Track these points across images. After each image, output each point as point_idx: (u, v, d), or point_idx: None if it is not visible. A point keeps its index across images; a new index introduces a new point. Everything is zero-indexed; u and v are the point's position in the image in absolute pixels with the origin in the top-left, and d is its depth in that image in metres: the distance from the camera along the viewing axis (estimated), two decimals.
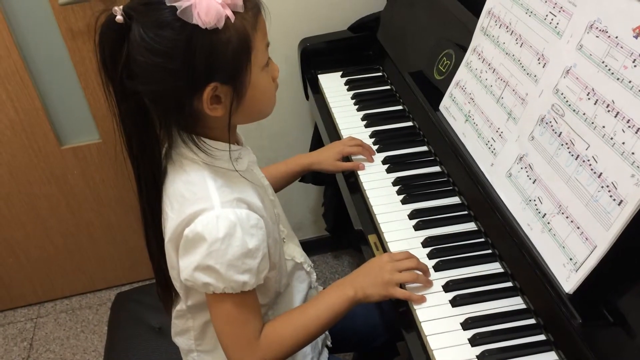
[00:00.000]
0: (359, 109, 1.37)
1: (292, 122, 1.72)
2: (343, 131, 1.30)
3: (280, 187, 1.16)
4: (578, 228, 0.78)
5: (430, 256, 0.97)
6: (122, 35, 0.71)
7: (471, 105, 1.07)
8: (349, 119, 1.34)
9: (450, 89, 1.14)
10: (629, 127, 0.73)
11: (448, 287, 0.91)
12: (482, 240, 1.00)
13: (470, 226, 1.03)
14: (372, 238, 1.05)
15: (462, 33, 1.15)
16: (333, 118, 1.37)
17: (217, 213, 0.76)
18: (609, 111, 0.76)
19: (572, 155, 0.81)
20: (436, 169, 1.17)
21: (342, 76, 1.49)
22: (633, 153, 0.72)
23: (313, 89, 1.50)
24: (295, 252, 1.00)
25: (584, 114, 0.80)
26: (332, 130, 1.35)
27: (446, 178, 1.14)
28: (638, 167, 0.71)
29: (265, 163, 1.17)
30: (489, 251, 0.98)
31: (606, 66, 0.78)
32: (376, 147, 1.23)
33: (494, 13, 1.05)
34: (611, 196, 0.74)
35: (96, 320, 1.94)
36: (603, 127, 0.77)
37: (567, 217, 0.80)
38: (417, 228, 1.03)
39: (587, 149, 0.79)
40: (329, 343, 1.10)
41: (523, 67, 0.95)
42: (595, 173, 0.77)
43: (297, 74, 1.59)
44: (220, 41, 0.71)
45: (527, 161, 0.91)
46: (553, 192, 0.84)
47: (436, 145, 1.19)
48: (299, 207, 1.94)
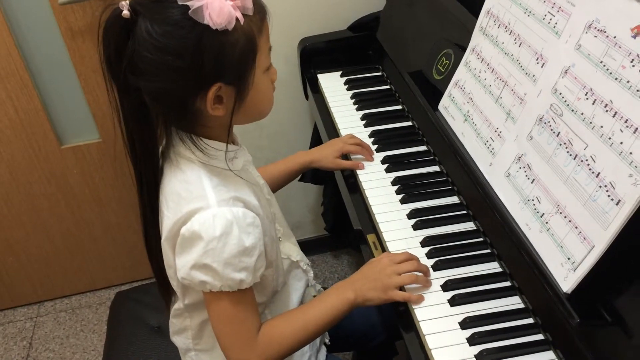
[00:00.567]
0: (359, 109, 1.37)
1: (292, 122, 1.72)
2: (342, 131, 1.30)
3: (280, 186, 1.16)
4: (576, 228, 0.78)
5: (428, 255, 0.97)
6: (127, 30, 0.71)
7: (470, 105, 1.07)
8: (349, 119, 1.34)
9: (449, 89, 1.14)
10: (627, 127, 0.73)
11: (446, 287, 0.92)
12: (481, 239, 1.00)
13: (468, 226, 1.03)
14: (371, 237, 1.05)
15: (461, 33, 1.15)
16: (332, 117, 1.37)
17: (214, 212, 0.76)
18: (607, 111, 0.76)
19: (571, 155, 0.81)
20: (435, 169, 1.17)
21: (342, 76, 1.49)
22: (631, 153, 0.72)
23: (312, 89, 1.51)
24: (291, 251, 1.00)
25: (582, 114, 0.80)
26: (332, 129, 1.35)
27: (445, 178, 1.14)
28: (636, 167, 0.71)
29: (264, 162, 1.17)
30: (488, 251, 0.98)
31: (604, 66, 0.78)
32: (375, 147, 1.23)
33: (493, 13, 1.05)
34: (609, 196, 0.74)
35: (96, 319, 1.94)
36: (601, 127, 0.77)
37: (565, 217, 0.80)
38: (416, 227, 1.03)
39: (586, 149, 0.79)
40: (327, 341, 1.11)
41: (522, 67, 0.95)
42: (593, 173, 0.77)
43: (297, 74, 1.59)
44: (228, 42, 0.72)
45: (526, 161, 0.91)
46: (551, 192, 0.84)
47: (435, 144, 1.19)
48: (298, 207, 1.94)
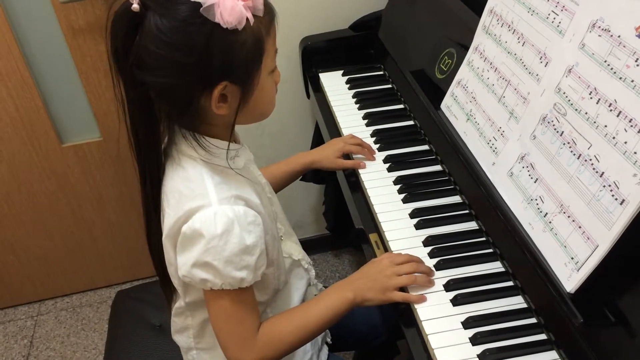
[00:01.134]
0: (360, 108, 1.36)
1: (293, 121, 1.72)
2: (344, 130, 1.30)
3: (281, 186, 1.16)
4: (580, 227, 0.78)
5: (431, 255, 0.97)
6: (136, 24, 0.71)
7: (473, 104, 1.07)
8: (350, 118, 1.34)
9: (451, 88, 1.14)
10: (631, 127, 0.72)
11: (449, 286, 0.91)
12: (483, 239, 1.00)
13: (471, 225, 1.03)
14: (373, 237, 1.05)
15: (464, 32, 1.15)
16: (334, 117, 1.36)
17: (215, 210, 0.76)
18: (611, 110, 0.76)
19: (574, 154, 0.81)
20: (437, 168, 1.17)
21: (343, 75, 1.49)
22: (635, 152, 0.72)
23: (314, 88, 1.50)
24: (293, 250, 1.00)
25: (586, 114, 0.80)
26: (333, 128, 1.35)
27: (447, 177, 1.14)
28: None
29: (265, 161, 1.17)
30: (490, 250, 0.98)
31: (608, 65, 0.77)
32: (377, 146, 1.23)
33: (496, 12, 1.04)
34: (613, 195, 0.74)
35: (96, 318, 1.94)
36: (605, 127, 0.76)
37: (569, 217, 0.80)
38: (418, 227, 1.03)
39: (589, 149, 0.79)
40: (329, 340, 1.10)
41: (525, 66, 0.95)
42: (597, 172, 0.77)
43: (298, 73, 1.59)
44: (237, 42, 0.72)
45: (529, 160, 0.90)
46: (555, 192, 0.84)
47: (437, 144, 1.19)
48: (300, 206, 1.94)
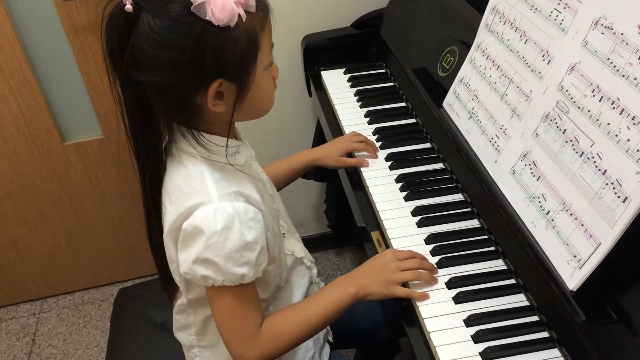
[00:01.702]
0: (362, 106, 1.36)
1: (295, 119, 1.72)
2: (346, 128, 1.30)
3: (284, 184, 1.16)
4: (582, 225, 0.78)
5: (433, 253, 0.97)
6: (130, 24, 0.71)
7: (475, 102, 1.07)
8: (352, 116, 1.34)
9: (454, 86, 1.14)
10: (634, 124, 0.72)
11: (451, 284, 0.91)
12: (486, 237, 1.00)
13: (473, 223, 1.03)
14: (375, 235, 1.05)
15: (466, 30, 1.15)
16: (336, 115, 1.36)
17: (215, 206, 0.77)
18: (614, 108, 0.76)
19: (577, 152, 0.81)
20: (439, 166, 1.17)
21: (345, 73, 1.49)
22: (638, 150, 0.71)
23: (316, 86, 1.50)
24: (295, 247, 1.00)
25: (589, 111, 0.80)
26: (335, 126, 1.35)
27: (449, 175, 1.14)
28: None
29: (267, 159, 1.17)
30: (492, 248, 0.98)
31: (611, 63, 0.77)
32: (379, 144, 1.23)
33: (499, 9, 1.04)
34: (616, 193, 0.73)
35: (99, 315, 1.94)
36: (608, 124, 0.76)
37: (571, 214, 0.80)
38: (420, 225, 1.03)
39: (592, 146, 0.78)
40: (331, 338, 1.10)
41: (527, 64, 0.95)
42: (599, 170, 0.77)
43: (300, 71, 1.58)
44: (230, 39, 0.72)
45: (531, 158, 0.90)
46: (557, 189, 0.84)
47: (439, 142, 1.19)
48: (301, 204, 1.94)
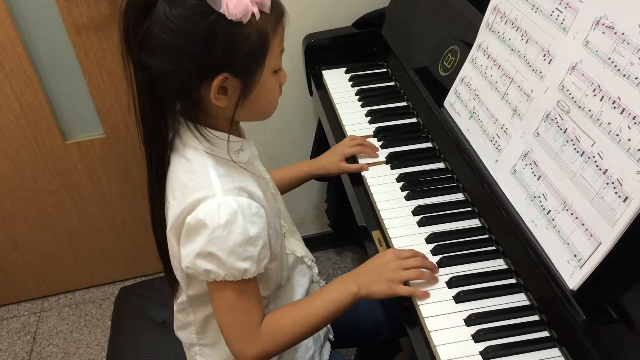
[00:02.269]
0: (363, 105, 1.36)
1: (296, 118, 1.72)
2: (347, 127, 1.30)
3: (284, 192, 1.15)
4: (583, 225, 0.78)
5: (434, 252, 0.97)
6: (147, 10, 0.72)
7: (476, 101, 1.07)
8: (353, 115, 1.34)
9: (455, 85, 1.14)
10: (635, 124, 0.72)
11: (452, 283, 0.91)
12: (486, 236, 1.00)
13: (474, 222, 1.03)
14: (376, 234, 1.05)
15: (467, 29, 1.15)
16: (337, 114, 1.36)
17: (219, 201, 0.77)
18: (615, 108, 0.76)
19: (578, 151, 0.81)
20: (440, 166, 1.17)
21: (346, 72, 1.49)
22: (639, 150, 0.71)
23: (317, 85, 1.50)
24: (296, 247, 1.00)
25: (590, 111, 0.80)
26: (336, 126, 1.35)
27: (450, 174, 1.14)
28: None
29: (268, 159, 1.17)
30: (493, 248, 0.98)
31: (612, 62, 0.77)
32: (380, 144, 1.23)
33: (500, 9, 1.04)
34: (616, 193, 0.74)
35: (99, 314, 1.94)
36: (609, 124, 0.76)
37: (572, 214, 0.80)
38: (421, 224, 1.03)
39: (593, 146, 0.79)
40: (331, 337, 1.10)
41: (528, 64, 0.95)
42: (600, 170, 0.77)
43: (301, 70, 1.59)
44: (241, 35, 0.73)
45: (532, 157, 0.90)
46: (558, 189, 0.84)
47: (440, 141, 1.19)
48: (302, 203, 1.94)
